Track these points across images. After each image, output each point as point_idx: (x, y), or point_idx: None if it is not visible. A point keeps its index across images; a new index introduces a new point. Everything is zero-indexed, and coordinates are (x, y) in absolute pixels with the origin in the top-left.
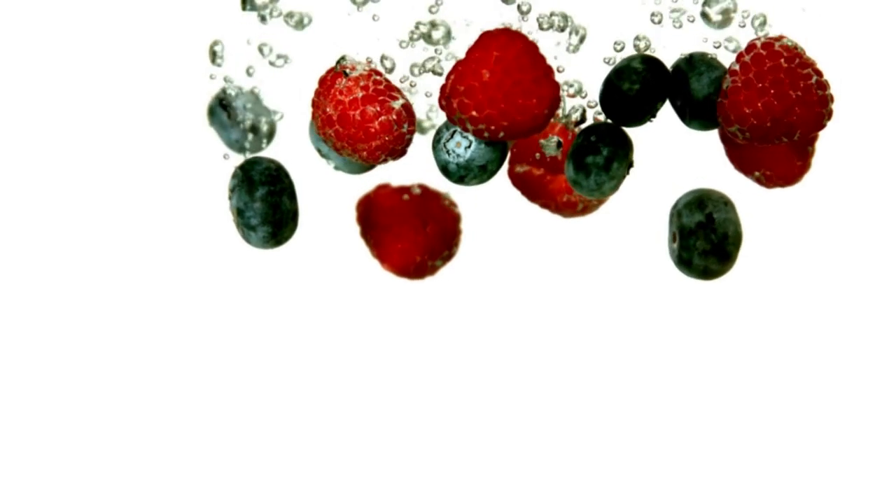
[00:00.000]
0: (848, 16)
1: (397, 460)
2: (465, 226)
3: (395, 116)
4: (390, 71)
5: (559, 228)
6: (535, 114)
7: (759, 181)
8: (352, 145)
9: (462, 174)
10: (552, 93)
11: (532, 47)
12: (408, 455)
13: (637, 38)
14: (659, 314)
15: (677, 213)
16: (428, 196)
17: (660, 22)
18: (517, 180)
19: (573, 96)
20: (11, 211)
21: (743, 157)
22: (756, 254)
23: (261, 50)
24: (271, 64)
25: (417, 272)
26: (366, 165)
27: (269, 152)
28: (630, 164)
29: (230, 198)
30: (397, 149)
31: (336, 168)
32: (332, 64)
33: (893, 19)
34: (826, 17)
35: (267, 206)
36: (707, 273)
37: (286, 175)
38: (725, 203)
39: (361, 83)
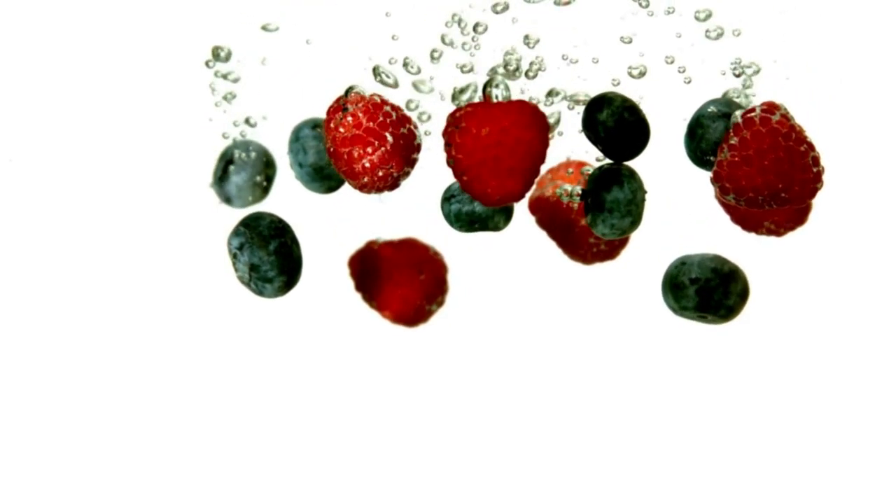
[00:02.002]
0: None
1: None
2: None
3: (376, 159)
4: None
5: (543, 275)
6: (486, 192)
7: (769, 232)
8: (346, 178)
9: (454, 194)
10: (513, 189)
11: (539, 142)
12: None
13: (631, 67)
14: (646, 362)
15: (682, 310)
16: (417, 248)
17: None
18: (533, 205)
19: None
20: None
21: (747, 216)
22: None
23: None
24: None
25: (416, 317)
26: (325, 186)
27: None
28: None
29: (236, 256)
30: (384, 186)
31: (296, 178)
32: (342, 91)
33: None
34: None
35: (281, 257)
36: (744, 294)
37: (288, 225)
38: (683, 263)
39: (358, 118)
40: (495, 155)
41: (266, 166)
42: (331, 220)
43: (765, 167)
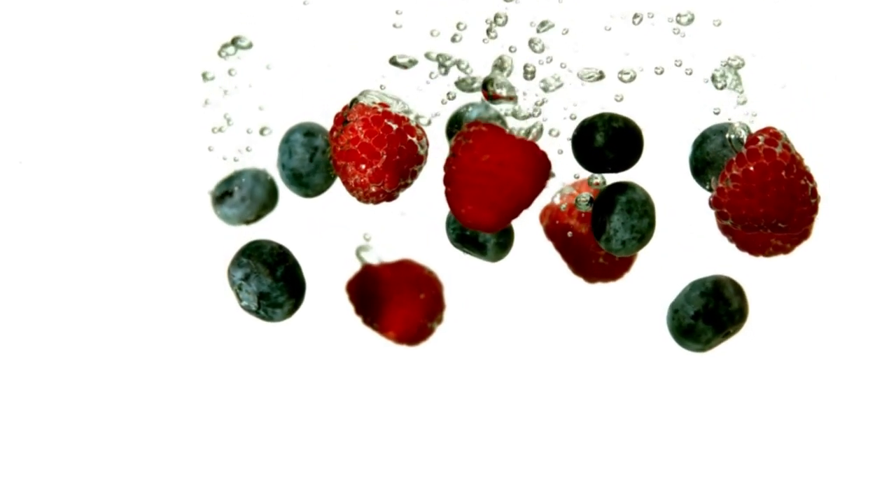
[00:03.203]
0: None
1: None
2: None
3: (366, 178)
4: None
5: (536, 293)
6: (461, 212)
7: (777, 249)
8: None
9: None
10: (486, 222)
11: (530, 188)
12: None
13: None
14: (642, 382)
15: (707, 344)
16: (413, 268)
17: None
18: (542, 215)
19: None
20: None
21: (753, 240)
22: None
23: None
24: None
25: (419, 335)
26: (302, 192)
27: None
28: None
29: (241, 287)
30: (377, 201)
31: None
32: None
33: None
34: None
35: (288, 281)
36: (738, 291)
37: (287, 249)
38: (675, 311)
39: (355, 133)
40: (482, 183)
41: (262, 208)
42: (314, 226)
43: (766, 199)
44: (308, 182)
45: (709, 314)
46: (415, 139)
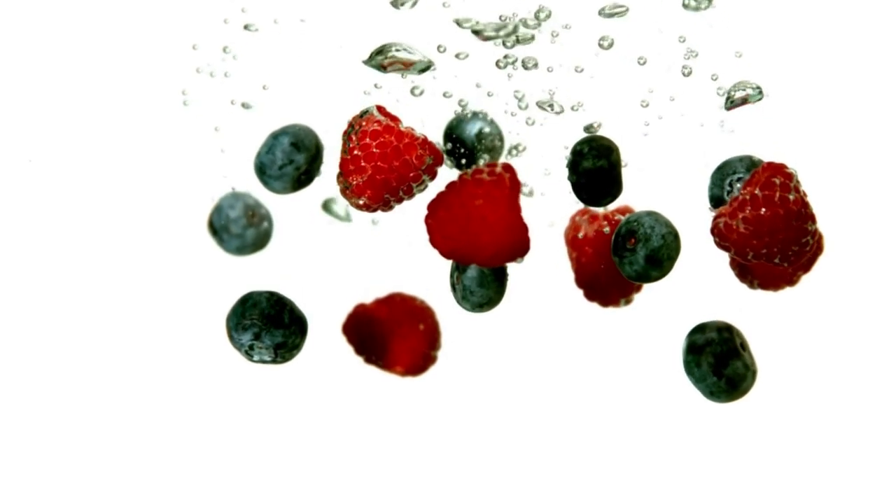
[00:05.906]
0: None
1: None
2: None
3: (350, 191)
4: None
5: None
6: (427, 221)
7: (797, 269)
8: None
9: None
10: (440, 247)
11: (493, 254)
12: None
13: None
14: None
15: (746, 369)
16: (407, 300)
17: None
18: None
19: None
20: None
21: (772, 276)
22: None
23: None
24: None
25: (424, 365)
26: (263, 183)
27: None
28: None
29: (252, 347)
30: (367, 211)
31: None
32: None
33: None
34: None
35: (296, 322)
36: (701, 328)
37: (279, 293)
38: (712, 392)
39: (353, 143)
40: (457, 217)
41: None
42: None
43: (772, 242)
44: (267, 181)
45: (719, 363)
46: (412, 158)
